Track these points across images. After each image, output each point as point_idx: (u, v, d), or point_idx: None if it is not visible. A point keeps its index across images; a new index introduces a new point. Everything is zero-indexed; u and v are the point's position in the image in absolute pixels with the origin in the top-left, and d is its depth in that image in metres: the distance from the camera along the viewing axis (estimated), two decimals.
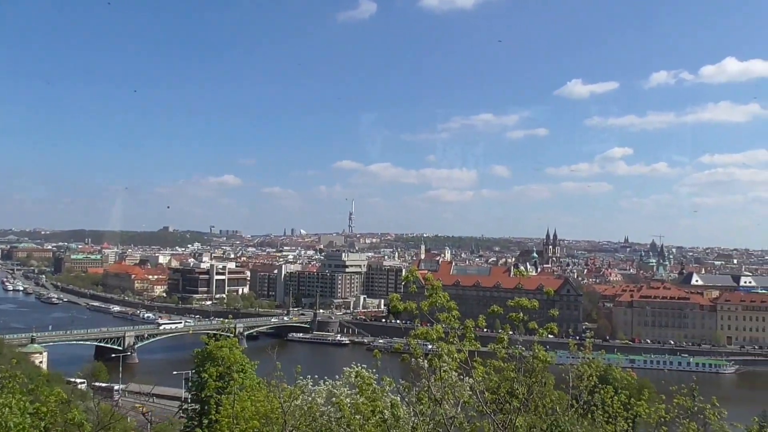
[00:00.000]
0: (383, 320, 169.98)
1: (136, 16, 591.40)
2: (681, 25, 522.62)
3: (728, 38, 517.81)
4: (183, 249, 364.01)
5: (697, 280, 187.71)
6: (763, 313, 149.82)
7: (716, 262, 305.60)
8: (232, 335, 38.64)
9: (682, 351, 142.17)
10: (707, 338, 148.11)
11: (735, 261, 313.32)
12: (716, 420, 13.05)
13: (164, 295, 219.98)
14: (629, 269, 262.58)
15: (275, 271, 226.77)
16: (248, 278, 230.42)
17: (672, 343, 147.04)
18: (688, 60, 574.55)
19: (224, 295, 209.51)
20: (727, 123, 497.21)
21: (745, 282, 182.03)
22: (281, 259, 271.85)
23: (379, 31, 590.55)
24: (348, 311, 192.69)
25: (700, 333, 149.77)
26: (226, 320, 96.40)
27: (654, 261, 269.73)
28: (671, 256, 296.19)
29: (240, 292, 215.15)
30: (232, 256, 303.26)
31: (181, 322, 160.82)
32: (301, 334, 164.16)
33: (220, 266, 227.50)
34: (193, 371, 34.61)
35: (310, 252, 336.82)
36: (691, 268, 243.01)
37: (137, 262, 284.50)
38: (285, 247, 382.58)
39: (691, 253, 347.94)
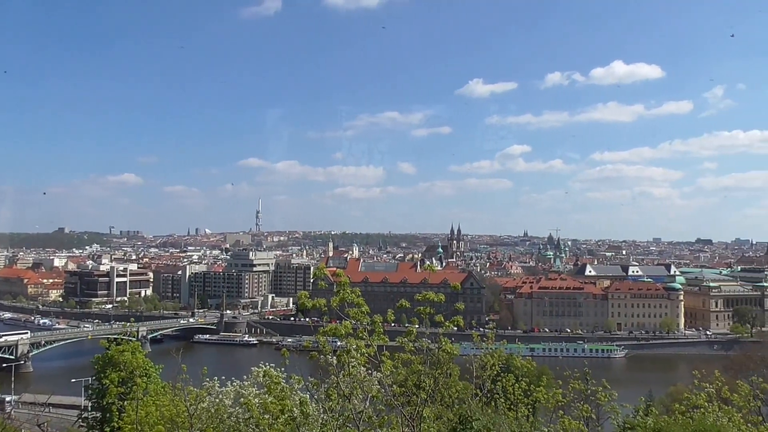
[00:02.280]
0: (292, 319, 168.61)
1: (23, 6, 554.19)
2: (573, 28, 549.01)
3: (616, 42, 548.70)
4: (81, 251, 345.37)
5: (590, 271, 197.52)
6: (649, 300, 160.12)
7: (607, 254, 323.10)
8: (134, 339, 37.17)
9: (578, 338, 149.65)
10: (600, 325, 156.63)
11: (624, 252, 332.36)
12: (607, 401, 13.95)
13: (61, 299, 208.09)
14: (529, 262, 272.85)
15: (179, 272, 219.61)
16: (151, 280, 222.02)
17: (568, 331, 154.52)
18: (579, 62, 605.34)
19: (126, 298, 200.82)
20: (615, 122, 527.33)
21: (633, 272, 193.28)
22: (185, 260, 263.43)
23: (284, 27, 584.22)
24: (256, 311, 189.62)
25: (593, 321, 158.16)
26: (128, 324, 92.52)
27: (551, 254, 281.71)
28: (567, 249, 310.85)
29: (143, 294, 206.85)
30: (134, 257, 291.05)
31: (79, 327, 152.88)
32: (207, 336, 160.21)
33: (121, 268, 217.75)
34: (94, 378, 33.15)
35: (216, 252, 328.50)
36: (584, 259, 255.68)
37: (30, 265, 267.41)
38: (189, 247, 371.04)
39: (584, 246, 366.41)
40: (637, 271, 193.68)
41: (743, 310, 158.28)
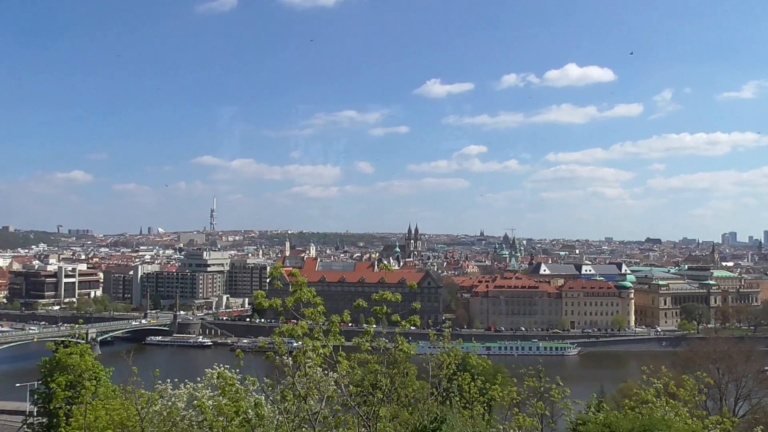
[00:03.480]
0: (248, 319, 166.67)
1: None
2: (528, 31, 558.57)
3: (569, 45, 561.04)
4: (26, 250, 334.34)
5: (544, 270, 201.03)
6: (601, 299, 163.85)
7: (561, 253, 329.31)
8: (83, 341, 36.15)
9: (533, 336, 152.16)
10: (554, 323, 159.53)
11: (577, 251, 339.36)
12: (560, 398, 14.23)
13: (5, 301, 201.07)
14: (485, 261, 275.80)
15: (131, 272, 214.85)
16: (101, 280, 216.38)
17: (523, 329, 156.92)
18: (534, 64, 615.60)
19: (74, 299, 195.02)
20: (569, 124, 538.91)
21: (586, 270, 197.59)
22: (137, 260, 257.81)
23: (240, 24, 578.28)
24: (210, 312, 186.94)
25: (548, 319, 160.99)
26: (77, 326, 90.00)
27: (507, 253, 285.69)
28: (522, 248, 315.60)
29: (92, 295, 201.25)
30: (83, 257, 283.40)
31: (24, 330, 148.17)
32: (160, 337, 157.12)
33: (70, 268, 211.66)
34: (40, 382, 32.15)
35: (169, 251, 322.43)
36: (539, 258, 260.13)
37: None
38: (141, 247, 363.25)
39: (539, 245, 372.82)
40: (590, 270, 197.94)
41: (690, 307, 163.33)
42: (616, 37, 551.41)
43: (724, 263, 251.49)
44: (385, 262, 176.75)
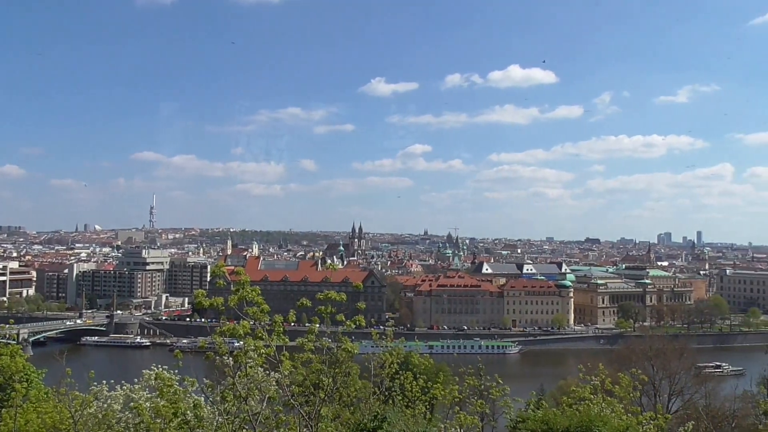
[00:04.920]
0: (188, 319, 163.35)
1: None
2: (472, 31, 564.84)
3: (513, 47, 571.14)
4: None
5: (487, 269, 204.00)
6: (542, 297, 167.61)
7: (503, 252, 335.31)
8: (14, 342, 34.74)
9: (475, 335, 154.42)
10: (496, 322, 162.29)
11: (519, 251, 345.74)
12: (501, 396, 14.45)
13: None
14: (428, 260, 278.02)
15: (66, 271, 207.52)
16: (34, 279, 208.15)
17: (466, 328, 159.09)
18: (478, 65, 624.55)
19: (5, 299, 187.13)
20: (512, 124, 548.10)
21: (527, 270, 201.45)
22: (73, 258, 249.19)
23: (181, 18, 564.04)
24: (149, 311, 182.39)
25: (490, 318, 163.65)
26: (7, 326, 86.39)
27: (450, 252, 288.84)
28: (465, 248, 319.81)
29: (24, 294, 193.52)
30: (15, 254, 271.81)
31: None
32: (96, 338, 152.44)
33: (0, 266, 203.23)
34: None
35: (107, 249, 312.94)
36: (482, 258, 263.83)
37: None
38: (77, 244, 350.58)
39: (482, 244, 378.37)
40: (531, 270, 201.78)
41: (627, 306, 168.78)
42: (558, 39, 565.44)
43: (659, 263, 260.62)
44: (329, 261, 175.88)
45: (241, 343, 9.51)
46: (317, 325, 10.53)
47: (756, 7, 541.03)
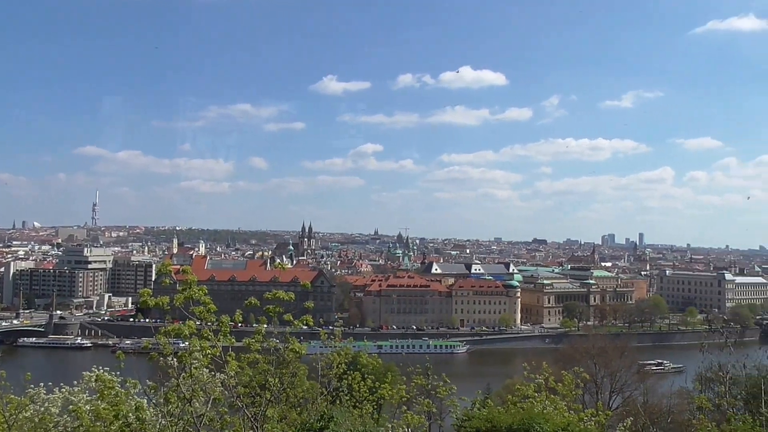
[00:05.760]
0: (131, 320, 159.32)
1: None
2: (425, 32, 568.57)
3: (465, 48, 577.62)
4: None
5: (436, 269, 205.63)
6: (490, 297, 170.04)
7: (453, 252, 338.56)
8: None
9: (423, 335, 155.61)
10: (445, 322, 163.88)
11: (468, 251, 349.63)
12: (447, 395, 14.61)
13: None
14: (378, 260, 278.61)
15: (2, 269, 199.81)
16: None
17: (414, 327, 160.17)
18: (430, 65, 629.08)
19: None
20: (463, 126, 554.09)
21: (476, 270, 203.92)
22: (10, 256, 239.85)
23: (127, 10, 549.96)
24: (91, 311, 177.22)
25: (438, 317, 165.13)
26: None
27: (400, 252, 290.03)
28: (415, 248, 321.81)
29: None
30: None
31: None
32: (34, 339, 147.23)
33: None
34: None
35: (46, 247, 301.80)
36: (431, 258, 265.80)
37: None
38: (15, 242, 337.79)
39: (432, 244, 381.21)
40: (480, 270, 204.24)
41: (571, 305, 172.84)
42: (510, 42, 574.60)
43: (603, 263, 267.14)
44: (278, 261, 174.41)
45: (187, 343, 9.34)
46: (264, 326, 10.43)
47: (697, 17, 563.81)
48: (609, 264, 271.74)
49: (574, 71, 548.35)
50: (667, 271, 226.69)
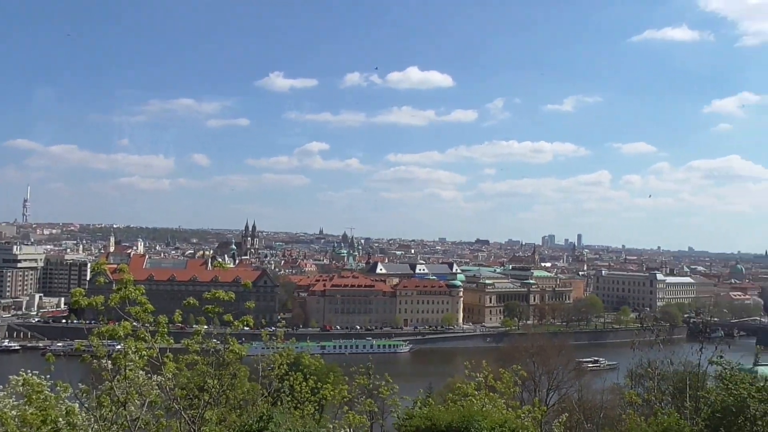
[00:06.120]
0: (64, 321, 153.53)
1: None
2: (373, 31, 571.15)
3: (412, 49, 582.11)
4: None
5: (381, 269, 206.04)
6: (433, 297, 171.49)
7: (398, 252, 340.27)
8: None
9: (367, 335, 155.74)
10: (388, 322, 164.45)
11: (413, 251, 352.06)
12: (389, 394, 14.69)
13: None
14: (323, 260, 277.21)
15: None
16: None
17: (358, 328, 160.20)
18: (378, 65, 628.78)
19: None
20: (409, 126, 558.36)
21: (420, 270, 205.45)
22: None
23: (69, 3, 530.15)
24: (20, 312, 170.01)
25: (382, 317, 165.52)
26: None
27: (345, 252, 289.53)
28: (360, 247, 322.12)
29: None
30: None
31: None
32: None
33: None
34: None
35: None
36: (376, 258, 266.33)
37: None
38: None
39: (377, 244, 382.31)
40: (424, 270, 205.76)
41: (512, 305, 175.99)
42: (457, 45, 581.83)
43: (543, 264, 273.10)
44: (220, 260, 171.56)
45: (122, 345, 9.10)
46: (204, 326, 10.28)
47: (635, 26, 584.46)
48: (549, 264, 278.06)
49: (519, 75, 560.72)
50: (603, 272, 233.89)
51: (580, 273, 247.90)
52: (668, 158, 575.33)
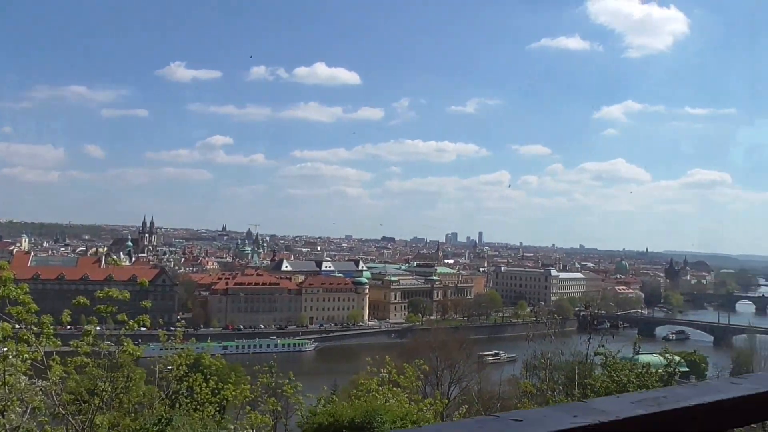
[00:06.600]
0: None
1: None
2: (280, 24, 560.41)
3: (320, 44, 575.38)
4: None
5: (286, 267, 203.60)
6: (339, 294, 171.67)
7: (304, 249, 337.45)
8: None
9: (271, 334, 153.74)
10: (294, 320, 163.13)
11: (319, 248, 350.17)
12: (293, 393, 14.57)
13: None
14: (226, 257, 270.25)
15: None
16: None
17: (263, 327, 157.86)
18: (284, 59, 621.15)
19: None
20: (316, 122, 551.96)
21: (326, 267, 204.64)
22: None
23: None
24: None
25: (287, 316, 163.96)
26: None
27: (249, 249, 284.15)
28: (265, 245, 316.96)
29: None
30: None
31: None
32: None
33: None
34: None
35: None
36: (282, 255, 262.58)
37: None
38: None
39: (282, 241, 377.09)
40: (330, 267, 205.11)
41: (416, 301, 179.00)
42: (365, 43, 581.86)
43: (446, 261, 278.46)
44: (114, 257, 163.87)
45: (1, 348, 8.51)
46: (95, 327, 9.78)
47: (533, 33, 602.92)
48: (452, 261, 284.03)
49: (424, 76, 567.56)
50: (502, 268, 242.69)
51: (481, 269, 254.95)
52: (562, 160, 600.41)
